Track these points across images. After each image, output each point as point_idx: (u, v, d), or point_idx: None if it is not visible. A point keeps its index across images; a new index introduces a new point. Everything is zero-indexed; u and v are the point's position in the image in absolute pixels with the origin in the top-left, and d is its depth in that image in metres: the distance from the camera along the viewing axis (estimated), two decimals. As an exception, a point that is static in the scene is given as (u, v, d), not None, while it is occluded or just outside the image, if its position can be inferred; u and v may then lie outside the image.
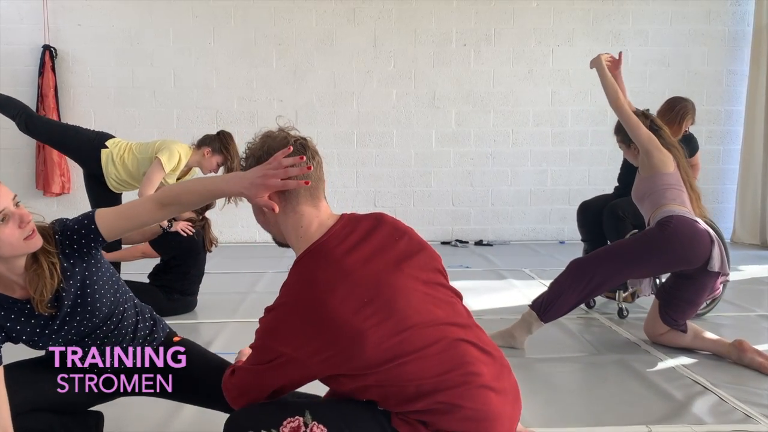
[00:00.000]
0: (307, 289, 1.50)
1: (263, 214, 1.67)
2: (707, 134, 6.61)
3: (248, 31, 6.40)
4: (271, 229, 1.71)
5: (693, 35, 6.64)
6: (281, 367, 1.49)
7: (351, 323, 1.45)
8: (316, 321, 1.46)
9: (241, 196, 1.64)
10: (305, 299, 1.49)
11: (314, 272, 1.52)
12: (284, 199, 1.61)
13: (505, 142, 6.66)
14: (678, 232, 2.98)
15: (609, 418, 2.39)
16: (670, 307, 3.13)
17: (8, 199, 1.55)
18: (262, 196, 1.59)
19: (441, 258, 1.75)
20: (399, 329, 1.48)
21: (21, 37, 6.24)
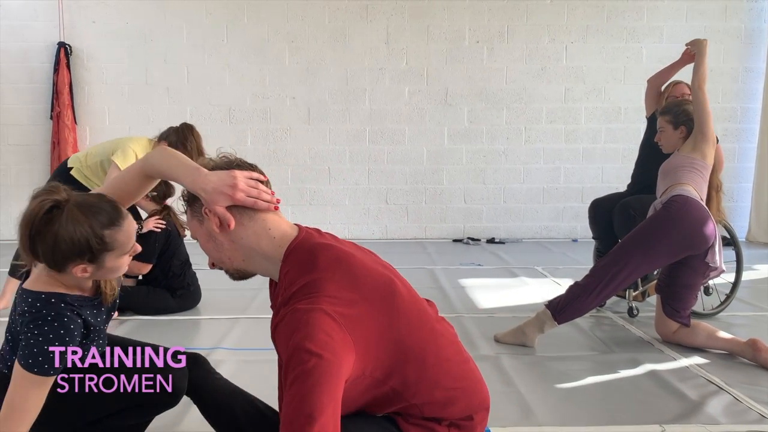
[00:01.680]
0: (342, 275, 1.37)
1: (212, 239, 1.47)
2: (722, 132, 6.55)
3: (261, 28, 6.42)
4: (222, 255, 1.48)
5: (709, 32, 6.57)
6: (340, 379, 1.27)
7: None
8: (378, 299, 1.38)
9: (198, 194, 1.48)
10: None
11: (333, 258, 1.40)
12: (239, 212, 1.44)
13: (517, 139, 6.64)
14: (683, 210, 3.03)
15: (622, 417, 2.38)
16: (670, 298, 3.15)
17: (134, 232, 1.64)
18: (221, 206, 1.44)
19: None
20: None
21: (36, 35, 6.29)
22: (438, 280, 4.63)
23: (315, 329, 1.23)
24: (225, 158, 1.52)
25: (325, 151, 6.56)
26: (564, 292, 3.16)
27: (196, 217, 1.49)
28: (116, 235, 1.56)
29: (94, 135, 6.42)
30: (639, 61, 6.57)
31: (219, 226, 1.45)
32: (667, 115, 3.40)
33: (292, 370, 1.21)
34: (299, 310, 1.27)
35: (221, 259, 1.50)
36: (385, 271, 1.48)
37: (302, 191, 6.59)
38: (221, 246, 1.47)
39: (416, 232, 6.69)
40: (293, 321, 1.26)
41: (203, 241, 1.51)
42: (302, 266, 1.38)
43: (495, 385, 2.67)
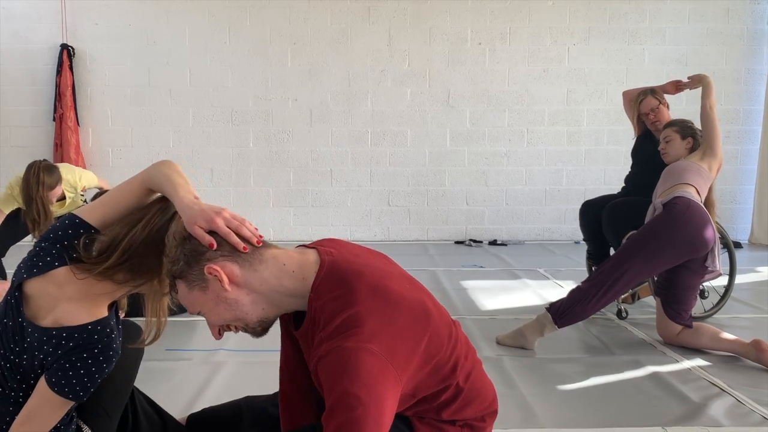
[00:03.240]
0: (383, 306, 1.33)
1: (223, 301, 1.37)
2: (725, 134, 6.51)
3: (263, 30, 6.42)
4: (240, 313, 1.39)
5: (711, 34, 6.57)
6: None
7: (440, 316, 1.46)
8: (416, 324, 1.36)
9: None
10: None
11: (372, 288, 1.35)
12: (243, 259, 1.37)
13: (519, 141, 6.64)
14: (686, 214, 3.05)
15: (624, 419, 2.37)
16: (671, 300, 3.16)
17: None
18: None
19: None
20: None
21: (39, 36, 6.31)
22: (440, 282, 4.63)
23: (362, 372, 1.22)
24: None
25: (327, 153, 6.56)
26: (565, 296, 3.16)
27: (195, 286, 1.36)
28: None
29: (96, 137, 6.44)
30: (641, 63, 6.57)
31: (228, 281, 1.35)
32: (675, 126, 3.47)
33: (340, 414, 1.20)
34: (346, 349, 1.24)
35: (239, 317, 1.39)
36: (415, 292, 1.44)
37: (304, 193, 6.59)
38: (236, 303, 1.37)
39: (418, 233, 6.69)
40: (341, 361, 1.24)
41: (211, 308, 1.38)
42: (339, 299, 1.32)
43: (497, 387, 2.64)
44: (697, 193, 3.20)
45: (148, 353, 1.70)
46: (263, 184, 6.56)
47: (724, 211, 6.61)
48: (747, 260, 5.66)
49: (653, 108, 3.86)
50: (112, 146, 6.44)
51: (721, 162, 3.37)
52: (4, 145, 6.40)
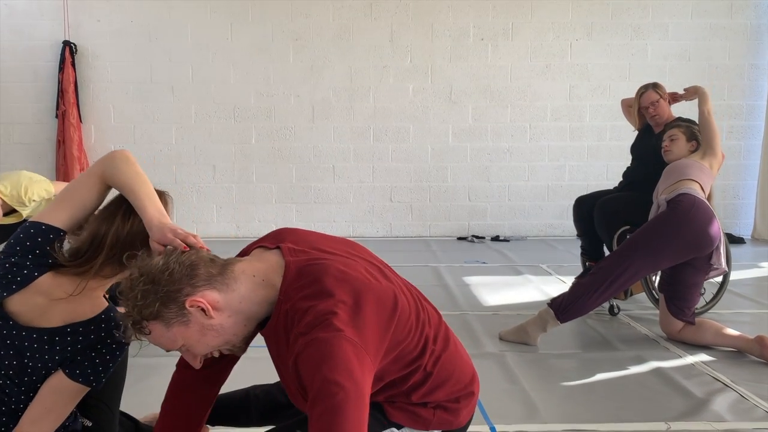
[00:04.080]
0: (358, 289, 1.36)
1: (208, 330, 1.35)
2: (728, 129, 6.52)
3: (265, 27, 6.42)
4: (227, 336, 1.38)
5: (714, 29, 6.55)
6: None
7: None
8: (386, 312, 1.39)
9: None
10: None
11: (340, 275, 1.37)
12: (219, 283, 1.36)
13: (522, 137, 6.63)
14: (691, 212, 3.05)
15: (628, 414, 2.37)
16: (674, 297, 3.16)
17: None
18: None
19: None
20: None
21: (41, 33, 6.31)
22: (442, 278, 4.63)
23: (340, 359, 1.25)
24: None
25: (330, 149, 6.56)
26: (567, 291, 3.16)
27: (175, 322, 1.33)
28: None
29: (99, 133, 6.44)
30: (644, 58, 6.55)
31: (210, 309, 1.34)
32: (682, 127, 3.48)
33: (322, 402, 1.22)
34: (321, 339, 1.27)
35: (227, 341, 1.39)
36: (380, 277, 1.45)
37: (306, 189, 6.59)
38: (222, 328, 1.37)
39: (420, 230, 6.69)
40: (318, 351, 1.26)
41: (197, 340, 1.36)
42: (309, 297, 1.34)
43: (499, 383, 2.67)
44: (701, 189, 3.20)
45: (151, 349, 1.69)
46: (266, 181, 6.56)
47: (727, 206, 6.60)
48: (750, 255, 5.65)
49: (653, 102, 3.85)
50: (115, 143, 6.44)
51: (720, 161, 3.40)
52: (6, 143, 6.40)
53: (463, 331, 3.37)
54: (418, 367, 1.46)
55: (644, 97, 3.89)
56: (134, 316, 1.33)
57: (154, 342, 1.37)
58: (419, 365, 1.45)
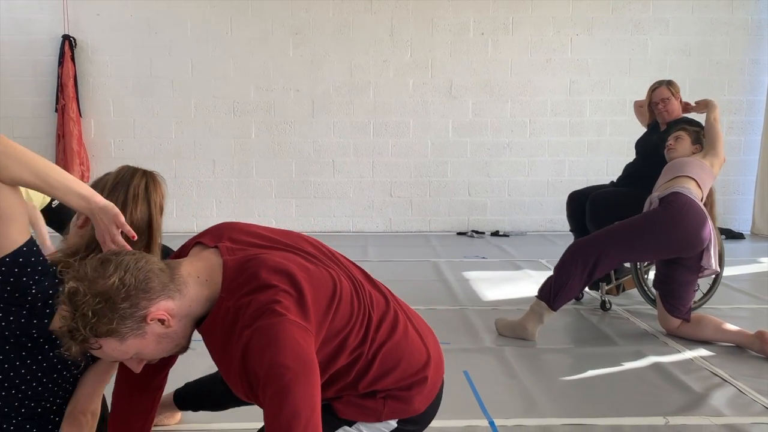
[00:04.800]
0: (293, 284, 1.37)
1: (163, 338, 1.36)
2: (728, 125, 6.51)
3: (265, 21, 6.40)
4: (178, 340, 1.40)
5: (715, 24, 6.54)
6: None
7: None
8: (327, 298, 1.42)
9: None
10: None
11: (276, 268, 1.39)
12: (172, 287, 1.37)
13: (522, 132, 6.62)
14: (682, 213, 3.06)
15: (626, 409, 2.38)
16: (668, 295, 3.18)
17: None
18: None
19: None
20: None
21: (41, 27, 6.30)
22: (442, 273, 4.64)
23: (284, 341, 1.27)
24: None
25: (330, 144, 6.55)
26: (552, 278, 3.13)
27: (130, 335, 1.32)
28: None
29: (99, 127, 6.43)
30: (644, 53, 6.54)
31: (169, 319, 1.35)
32: (689, 131, 3.49)
33: (271, 385, 1.25)
34: (265, 326, 1.29)
35: (178, 344, 1.41)
36: (320, 266, 1.47)
37: (306, 184, 6.59)
38: (175, 335, 1.38)
39: (420, 225, 6.69)
40: (263, 338, 1.28)
41: (153, 348, 1.37)
42: (250, 293, 1.35)
43: (499, 377, 2.68)
44: (697, 187, 3.20)
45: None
46: (265, 175, 6.56)
47: (726, 202, 6.60)
48: (748, 251, 5.66)
49: (664, 98, 3.83)
50: (114, 137, 6.44)
51: (722, 162, 3.41)
52: (6, 136, 6.39)
53: (462, 326, 3.38)
54: (360, 354, 1.45)
55: (656, 93, 3.87)
56: (84, 334, 1.28)
57: (101, 355, 1.36)
58: (361, 353, 1.45)
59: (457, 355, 2.91)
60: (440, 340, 3.15)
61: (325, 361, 1.41)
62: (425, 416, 1.58)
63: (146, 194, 1.64)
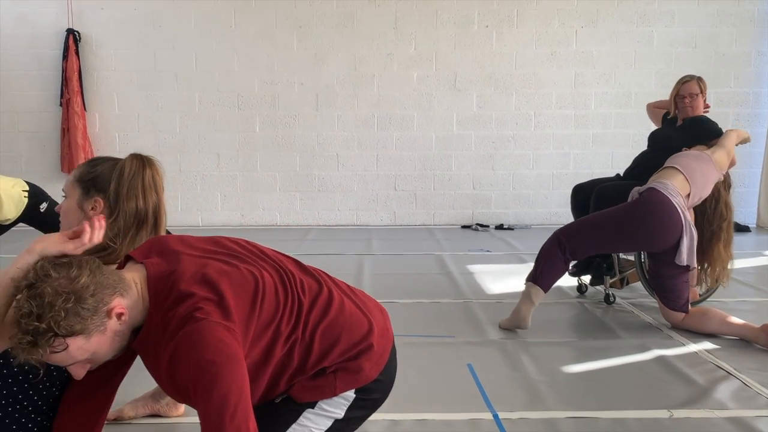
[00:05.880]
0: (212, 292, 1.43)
1: (116, 336, 1.40)
2: (734, 117, 6.48)
3: (269, 14, 6.39)
4: (124, 341, 1.43)
5: (721, 15, 6.50)
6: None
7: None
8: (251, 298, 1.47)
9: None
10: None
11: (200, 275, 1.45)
12: (120, 288, 1.41)
13: (527, 125, 6.60)
14: (644, 210, 3.10)
15: (630, 402, 2.38)
16: (660, 289, 3.22)
17: None
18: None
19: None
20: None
21: (45, 21, 6.30)
22: (446, 266, 4.64)
23: (207, 340, 1.33)
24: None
25: (334, 138, 6.55)
26: (538, 263, 3.23)
27: (94, 332, 1.35)
28: None
29: (103, 121, 6.45)
30: (650, 46, 6.51)
31: (126, 313, 1.40)
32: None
33: (198, 382, 1.31)
34: (188, 331, 1.35)
35: (121, 345, 1.44)
36: (241, 265, 1.51)
37: (311, 178, 6.59)
38: (123, 333, 1.42)
39: (425, 218, 6.69)
40: (187, 342, 1.34)
41: (108, 346, 1.39)
42: (173, 306, 1.40)
43: (503, 370, 2.68)
44: (684, 181, 3.18)
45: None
46: (270, 169, 6.56)
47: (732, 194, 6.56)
48: (754, 244, 5.64)
49: (693, 93, 3.74)
50: (119, 131, 6.45)
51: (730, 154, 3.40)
52: (11, 131, 6.42)
53: (467, 319, 3.39)
54: (296, 340, 1.50)
55: (686, 86, 3.77)
56: (55, 333, 1.29)
57: (60, 359, 1.35)
58: (296, 338, 1.50)
59: (461, 348, 2.91)
60: (444, 334, 3.17)
61: (264, 354, 1.46)
62: (381, 384, 1.63)
63: (154, 182, 1.72)
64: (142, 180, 1.69)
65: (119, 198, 1.68)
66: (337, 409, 1.57)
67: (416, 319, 3.39)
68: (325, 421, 1.56)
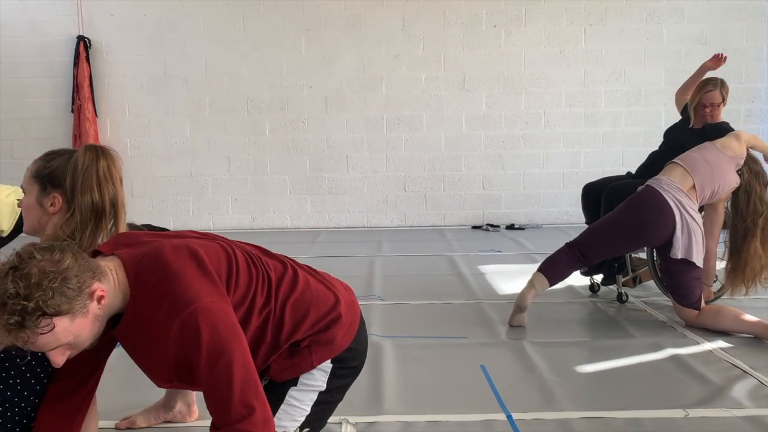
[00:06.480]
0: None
1: (96, 320, 1.40)
2: (746, 113, 6.43)
3: (277, 18, 6.41)
4: (101, 327, 1.44)
5: (731, 11, 6.45)
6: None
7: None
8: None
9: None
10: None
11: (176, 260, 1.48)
12: (98, 272, 1.42)
13: (536, 124, 6.58)
14: (637, 207, 3.15)
15: (645, 401, 2.37)
16: (669, 285, 3.23)
17: None
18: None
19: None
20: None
21: (56, 29, 6.35)
22: (457, 267, 4.63)
23: (211, 323, 1.39)
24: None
25: (343, 140, 6.56)
26: (548, 259, 3.34)
27: (78, 313, 1.35)
28: None
29: (114, 127, 6.49)
30: (659, 43, 6.47)
31: (106, 297, 1.41)
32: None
33: (215, 364, 1.38)
34: (191, 316, 1.39)
35: (98, 332, 1.43)
36: (211, 247, 1.55)
37: (320, 180, 6.61)
38: (101, 319, 1.43)
39: (435, 219, 6.68)
40: (191, 326, 1.38)
41: (89, 331, 1.39)
42: (158, 285, 1.43)
43: (516, 371, 2.68)
44: (684, 173, 3.16)
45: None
46: (280, 172, 6.58)
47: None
48: None
49: (714, 103, 3.64)
50: (130, 137, 6.49)
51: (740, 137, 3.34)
52: (24, 137, 6.47)
53: (479, 320, 3.38)
54: (269, 312, 1.56)
55: (709, 96, 3.64)
56: (42, 312, 1.29)
57: (45, 342, 1.33)
58: (269, 311, 1.55)
59: (474, 350, 2.91)
60: (456, 335, 3.16)
61: (242, 323, 1.50)
62: (355, 352, 1.70)
63: (109, 174, 1.69)
64: (97, 172, 1.66)
65: (75, 192, 1.66)
66: (318, 381, 1.63)
67: (428, 320, 3.38)
68: (310, 395, 1.62)
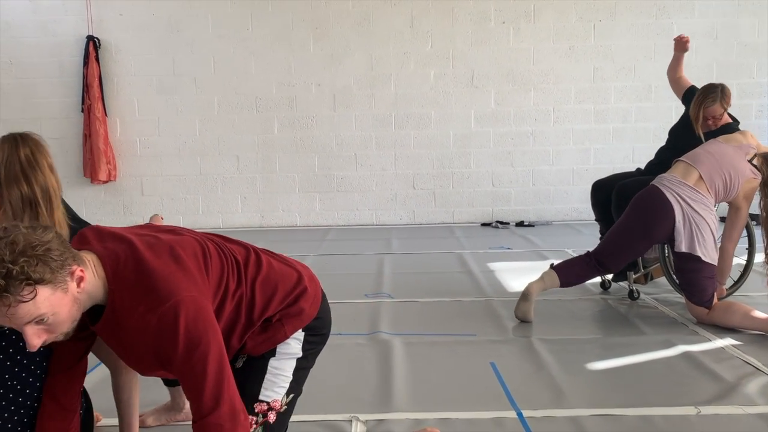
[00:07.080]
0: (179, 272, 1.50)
1: (75, 302, 1.41)
2: (758, 108, 6.38)
3: (285, 16, 6.42)
4: (79, 313, 1.45)
5: (742, 5, 6.39)
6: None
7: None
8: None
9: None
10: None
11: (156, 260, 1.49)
12: (78, 260, 1.43)
13: (546, 120, 6.56)
14: (639, 206, 3.19)
15: (657, 398, 2.35)
16: (682, 282, 3.22)
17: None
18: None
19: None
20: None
21: (66, 29, 6.39)
22: (467, 264, 4.62)
23: (189, 316, 1.43)
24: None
25: (352, 138, 6.56)
26: (564, 261, 3.38)
27: (59, 288, 1.36)
28: None
29: (124, 126, 6.52)
30: (670, 38, 6.36)
31: (85, 279, 1.42)
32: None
33: (191, 356, 1.43)
34: (168, 310, 1.42)
35: (76, 318, 1.44)
36: (183, 240, 1.59)
37: (329, 178, 6.61)
38: (80, 304, 1.43)
39: (444, 216, 6.67)
40: (169, 319, 1.42)
41: (67, 311, 1.40)
42: (138, 283, 1.45)
43: (526, 368, 2.67)
44: (688, 166, 3.18)
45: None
46: (289, 170, 6.59)
47: (757, 187, 6.47)
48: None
49: (716, 116, 3.61)
50: (140, 136, 6.52)
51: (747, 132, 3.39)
52: (35, 137, 6.51)
53: (489, 318, 3.37)
54: (242, 295, 1.62)
55: (710, 110, 3.58)
56: (27, 277, 1.31)
57: (24, 311, 1.33)
58: (242, 293, 1.62)
59: (484, 347, 2.90)
60: (466, 332, 3.16)
61: (216, 312, 1.54)
62: (323, 321, 1.80)
63: (35, 161, 1.67)
64: (20, 161, 1.62)
65: (0, 186, 1.60)
66: (294, 348, 1.71)
67: (438, 317, 3.38)
68: (289, 362, 1.71)
